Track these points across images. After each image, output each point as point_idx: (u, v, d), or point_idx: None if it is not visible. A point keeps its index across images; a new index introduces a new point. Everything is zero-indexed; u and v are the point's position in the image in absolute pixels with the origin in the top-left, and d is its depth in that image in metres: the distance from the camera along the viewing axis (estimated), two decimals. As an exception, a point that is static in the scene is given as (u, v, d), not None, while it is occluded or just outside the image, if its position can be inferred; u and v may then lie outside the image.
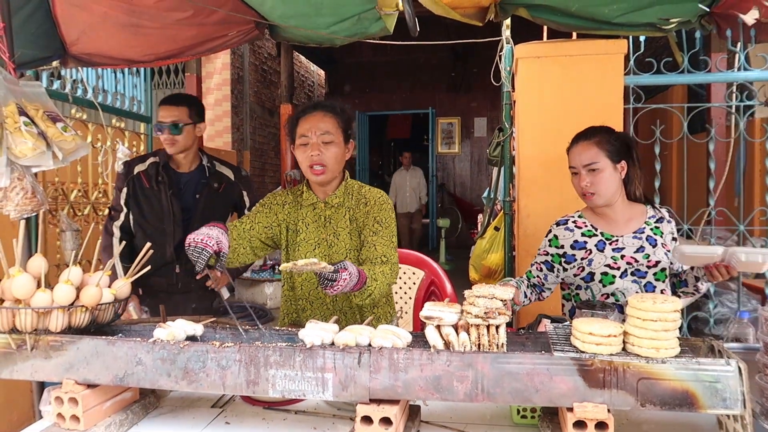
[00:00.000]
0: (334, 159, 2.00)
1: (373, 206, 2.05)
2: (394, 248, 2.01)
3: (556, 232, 2.20)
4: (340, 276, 1.62)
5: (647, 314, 1.32)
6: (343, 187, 2.09)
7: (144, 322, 1.83)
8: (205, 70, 8.07)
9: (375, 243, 1.98)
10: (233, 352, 1.38)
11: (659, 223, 2.13)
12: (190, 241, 1.72)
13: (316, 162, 1.97)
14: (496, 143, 3.65)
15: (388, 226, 2.02)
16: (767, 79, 3.04)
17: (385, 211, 2.04)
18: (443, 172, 12.03)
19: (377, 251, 1.96)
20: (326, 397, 1.35)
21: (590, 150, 2.07)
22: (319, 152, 1.97)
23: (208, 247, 1.70)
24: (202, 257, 1.69)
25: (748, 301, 3.23)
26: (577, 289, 2.18)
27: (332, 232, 2.07)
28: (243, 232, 2.03)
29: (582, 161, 2.07)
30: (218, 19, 2.68)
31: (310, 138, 1.98)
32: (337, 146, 2.01)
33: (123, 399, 1.53)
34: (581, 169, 2.07)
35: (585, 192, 2.08)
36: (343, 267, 1.65)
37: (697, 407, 1.25)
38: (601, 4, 2.47)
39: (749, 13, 2.28)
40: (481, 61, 4.39)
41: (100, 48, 2.80)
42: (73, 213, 3.60)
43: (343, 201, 2.08)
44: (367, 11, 2.51)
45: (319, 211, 2.09)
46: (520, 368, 1.30)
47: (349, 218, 2.07)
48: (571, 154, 2.12)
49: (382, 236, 1.99)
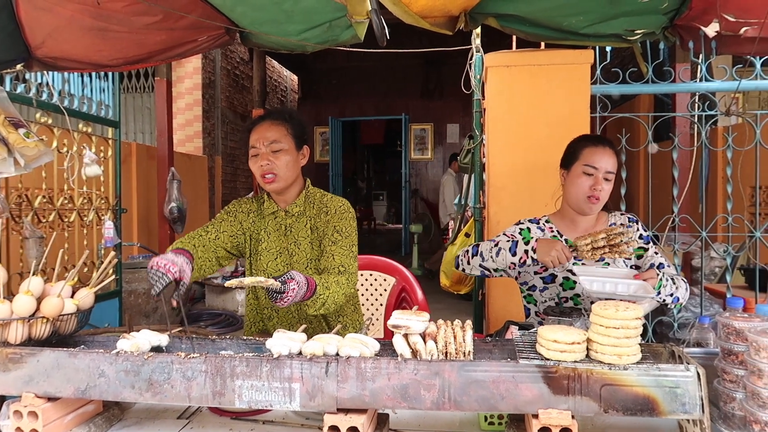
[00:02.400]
0: (285, 167, 2.00)
1: (333, 215, 2.04)
2: (353, 258, 1.99)
3: (528, 226, 2.19)
4: (288, 287, 1.60)
5: (610, 321, 1.34)
6: (303, 195, 2.09)
7: (109, 332, 1.80)
8: (175, 74, 7.98)
9: (333, 252, 1.96)
10: (199, 362, 1.36)
11: None
12: (153, 263, 1.69)
13: (267, 171, 1.97)
14: (466, 150, 3.68)
15: (348, 236, 2.01)
16: (728, 89, 3.13)
17: (345, 220, 2.03)
18: (416, 178, 12.09)
19: (335, 261, 1.94)
20: (293, 408, 1.35)
21: (613, 159, 2.06)
22: (268, 161, 1.97)
23: (169, 273, 1.67)
24: (160, 282, 1.65)
25: (710, 305, 3.31)
26: (531, 290, 2.20)
27: (293, 242, 2.06)
28: (209, 243, 2.01)
29: (607, 167, 2.04)
30: (188, 24, 2.64)
31: (259, 149, 1.99)
32: (288, 154, 2.01)
33: (85, 412, 1.50)
34: (601, 174, 2.03)
35: (595, 196, 2.04)
36: (290, 277, 1.63)
37: (658, 412, 1.28)
38: (568, 15, 2.51)
39: (710, 25, 2.34)
40: (453, 68, 4.43)
41: (66, 51, 2.74)
42: (38, 220, 3.52)
43: (303, 210, 2.08)
44: (338, 19, 2.51)
45: (280, 220, 2.08)
46: (486, 376, 1.31)
47: (310, 227, 2.07)
48: (594, 154, 2.05)
49: (341, 246, 1.98)
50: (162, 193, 6.03)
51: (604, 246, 1.80)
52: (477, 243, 2.12)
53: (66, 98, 3.69)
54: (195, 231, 2.06)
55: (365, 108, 12.14)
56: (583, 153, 2.08)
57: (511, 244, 1.98)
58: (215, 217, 2.13)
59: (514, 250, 1.97)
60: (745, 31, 2.26)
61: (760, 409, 1.26)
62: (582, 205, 2.09)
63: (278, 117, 2.06)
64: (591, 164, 2.05)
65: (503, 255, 2.00)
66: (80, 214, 3.87)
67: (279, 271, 2.08)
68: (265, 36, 2.78)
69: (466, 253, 2.13)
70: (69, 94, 3.76)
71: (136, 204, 6.42)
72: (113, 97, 4.26)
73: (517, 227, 2.20)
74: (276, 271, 2.08)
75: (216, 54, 8.69)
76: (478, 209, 3.57)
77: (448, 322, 1.47)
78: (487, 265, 2.06)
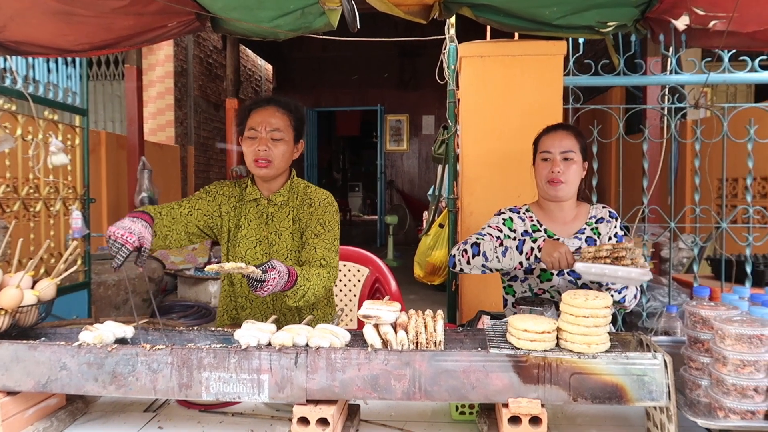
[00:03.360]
0: (281, 156, 1.97)
1: (317, 208, 2.02)
2: (334, 252, 1.98)
3: (510, 215, 2.17)
4: (268, 276, 1.59)
5: (579, 311, 1.35)
6: (288, 185, 2.06)
7: (74, 324, 1.75)
8: (146, 61, 7.82)
9: (316, 245, 1.95)
10: (165, 354, 1.33)
11: (599, 224, 2.15)
12: (110, 233, 1.65)
13: (262, 157, 1.94)
14: (440, 141, 3.68)
15: (331, 229, 2.00)
16: (696, 82, 3.18)
17: (329, 213, 2.02)
18: (392, 169, 12.07)
19: (317, 254, 1.93)
20: (262, 399, 1.33)
21: (569, 138, 2.07)
22: (266, 148, 1.94)
23: (128, 243, 1.64)
24: (121, 253, 1.62)
25: (678, 295, 3.37)
26: (512, 281, 2.20)
27: (274, 231, 2.03)
28: (180, 216, 1.96)
29: (561, 147, 2.05)
30: (157, 9, 2.58)
31: (260, 132, 1.95)
32: (286, 144, 1.99)
33: (48, 406, 1.46)
34: (557, 155, 2.05)
35: (555, 179, 2.04)
36: (271, 266, 1.61)
37: (626, 400, 1.29)
38: (542, 5, 2.51)
39: (680, 18, 2.36)
40: (428, 59, 4.42)
41: (30, 36, 2.65)
42: (1, 210, 3.41)
43: (287, 200, 2.05)
44: (311, 5, 2.47)
45: (262, 208, 2.05)
46: (457, 366, 1.31)
47: (293, 218, 2.04)
48: (546, 140, 2.09)
49: (324, 239, 1.97)
50: (132, 183, 5.92)
51: (607, 257, 1.78)
52: (475, 241, 2.02)
53: (31, 84, 3.58)
54: (168, 203, 2.00)
55: (341, 98, 12.07)
56: (540, 143, 2.13)
57: (518, 243, 1.93)
58: (194, 194, 2.08)
59: (521, 248, 1.92)
60: (714, 24, 2.28)
61: (724, 396, 1.29)
62: (547, 190, 2.09)
63: (285, 106, 2.02)
64: (546, 150, 2.08)
65: (511, 254, 1.93)
66: (46, 203, 3.77)
67: (257, 260, 2.05)
68: (236, 22, 2.73)
69: (464, 252, 2.03)
70: (34, 80, 3.65)
71: (105, 194, 6.29)
72: (80, 84, 4.14)
73: (499, 217, 2.18)
74: (254, 259, 2.05)
75: (189, 41, 8.53)
76: (452, 200, 3.58)
77: (420, 312, 1.47)
78: (491, 265, 1.99)
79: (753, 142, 3.04)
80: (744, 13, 2.11)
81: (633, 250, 1.74)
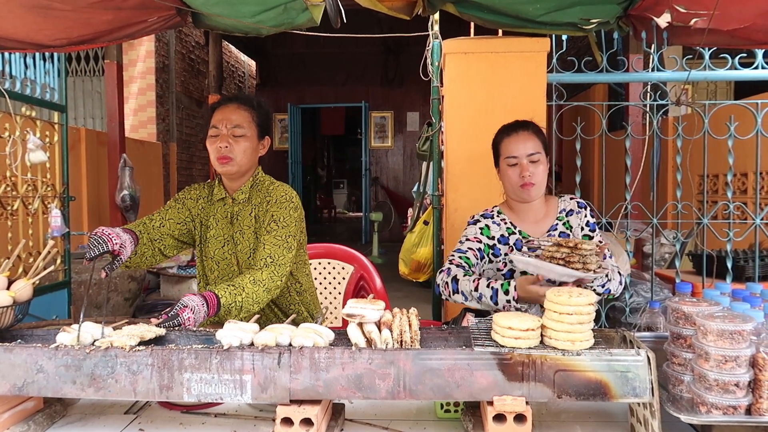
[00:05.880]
0: (242, 153, 1.96)
1: (273, 204, 1.99)
2: (286, 249, 1.91)
3: (486, 222, 2.13)
4: (182, 318, 1.52)
5: (563, 308, 1.35)
6: (250, 182, 2.04)
7: (52, 325, 1.72)
8: (127, 57, 7.70)
9: (266, 242, 1.90)
10: (145, 355, 1.31)
11: (569, 216, 2.13)
12: (97, 230, 1.65)
13: (223, 155, 1.93)
14: (425, 138, 3.67)
15: (285, 226, 1.94)
16: (678, 79, 3.20)
17: (284, 209, 1.97)
18: (376, 166, 12.06)
19: (264, 251, 1.88)
20: (245, 400, 1.31)
21: (532, 140, 2.04)
22: (227, 144, 1.93)
23: (110, 242, 1.63)
24: (97, 248, 1.62)
25: (660, 290, 3.39)
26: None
27: (238, 230, 2.02)
28: (152, 230, 1.96)
29: (527, 150, 2.02)
30: (137, 4, 2.54)
31: (221, 130, 1.95)
32: (249, 141, 1.97)
33: (25, 409, 1.43)
34: (524, 159, 2.02)
35: (526, 183, 2.02)
36: (182, 306, 1.55)
37: (610, 396, 1.30)
38: (525, 2, 2.51)
39: (662, 16, 2.38)
40: (413, 56, 4.42)
41: (5, 30, 2.59)
42: (-22, 208, 3.34)
43: (249, 197, 2.03)
44: (293, 1, 2.45)
45: (228, 207, 2.04)
46: (441, 364, 1.30)
47: (254, 216, 2.02)
48: (510, 144, 2.06)
49: (275, 236, 1.91)
50: (113, 180, 5.84)
51: (561, 258, 1.77)
52: (455, 276, 1.96)
53: (7, 80, 3.50)
54: (140, 219, 2.00)
55: (325, 95, 12.02)
56: (501, 147, 2.10)
57: (491, 293, 1.88)
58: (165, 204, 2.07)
59: (495, 299, 1.88)
60: (695, 22, 2.30)
61: (706, 392, 1.29)
62: (520, 195, 2.07)
63: (246, 102, 2.01)
64: (510, 155, 2.05)
65: (486, 302, 1.90)
66: (24, 202, 3.70)
67: (226, 260, 2.05)
68: (218, 17, 2.69)
69: (446, 285, 1.98)
70: (11, 76, 3.57)
71: (86, 192, 6.19)
72: (59, 80, 4.07)
73: (476, 227, 2.13)
74: (223, 259, 2.04)
75: (170, 37, 8.43)
76: (436, 197, 3.57)
77: (404, 310, 1.46)
78: (470, 305, 1.97)
79: (733, 139, 3.07)
80: (724, 11, 2.13)
81: (588, 256, 1.73)
